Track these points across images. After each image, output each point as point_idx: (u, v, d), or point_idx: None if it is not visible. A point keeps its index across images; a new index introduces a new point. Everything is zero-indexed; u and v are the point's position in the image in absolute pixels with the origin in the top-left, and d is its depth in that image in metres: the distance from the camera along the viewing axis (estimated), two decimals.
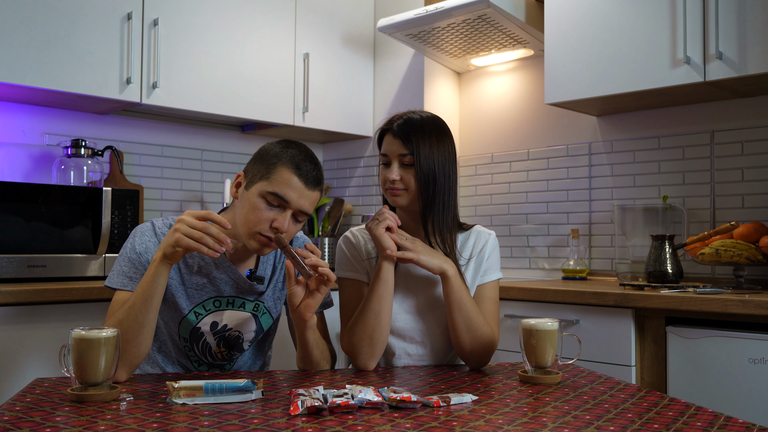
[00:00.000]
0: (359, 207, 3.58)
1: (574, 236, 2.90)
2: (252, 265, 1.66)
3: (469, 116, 3.42)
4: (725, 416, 1.13)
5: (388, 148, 1.66)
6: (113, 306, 1.50)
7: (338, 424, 1.05)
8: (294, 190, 1.50)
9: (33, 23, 2.38)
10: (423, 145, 1.62)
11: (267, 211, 1.50)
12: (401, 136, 1.62)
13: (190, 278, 1.58)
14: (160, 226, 1.59)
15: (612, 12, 2.53)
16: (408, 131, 1.63)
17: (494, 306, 1.70)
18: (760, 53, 2.19)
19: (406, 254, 1.56)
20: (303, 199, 1.52)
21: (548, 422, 1.09)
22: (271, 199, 1.50)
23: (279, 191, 1.49)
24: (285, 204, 1.50)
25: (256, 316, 1.66)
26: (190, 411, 1.13)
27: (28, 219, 2.27)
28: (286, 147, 1.55)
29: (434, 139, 1.64)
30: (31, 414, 1.10)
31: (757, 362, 1.91)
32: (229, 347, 1.65)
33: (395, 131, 1.64)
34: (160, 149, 3.09)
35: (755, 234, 2.32)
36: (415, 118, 1.66)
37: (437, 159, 1.63)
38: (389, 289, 1.58)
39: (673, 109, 2.74)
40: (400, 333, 1.68)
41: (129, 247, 1.55)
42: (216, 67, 2.88)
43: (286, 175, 1.50)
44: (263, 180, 1.51)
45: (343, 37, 3.38)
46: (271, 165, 1.52)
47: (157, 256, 1.40)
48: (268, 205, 1.50)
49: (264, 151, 1.57)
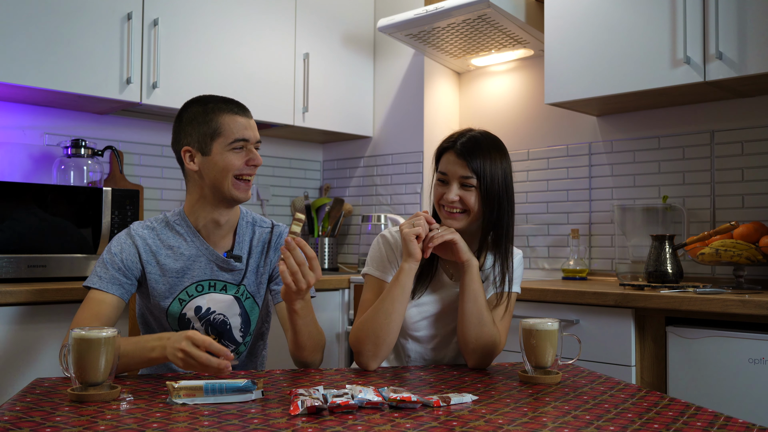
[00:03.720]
0: (359, 207, 3.57)
1: (574, 236, 2.90)
2: (228, 246, 1.72)
3: (469, 116, 3.42)
4: (725, 416, 1.13)
5: (449, 168, 1.62)
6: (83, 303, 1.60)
7: (338, 424, 1.05)
8: (246, 128, 1.64)
9: (33, 23, 2.38)
10: (487, 167, 1.60)
11: (237, 158, 1.62)
12: (466, 158, 1.59)
13: (169, 266, 1.65)
14: (135, 228, 1.68)
15: (612, 12, 2.53)
16: (473, 152, 1.60)
17: (507, 315, 1.69)
18: (760, 53, 2.19)
19: (446, 236, 1.56)
20: (254, 130, 1.67)
21: (548, 422, 1.09)
22: (237, 146, 1.62)
23: (238, 136, 1.62)
24: (247, 143, 1.63)
25: (239, 300, 1.70)
26: (190, 411, 1.13)
27: (28, 219, 2.27)
28: (204, 102, 1.66)
29: (498, 159, 1.62)
30: (31, 414, 1.10)
31: (757, 362, 1.91)
32: (218, 334, 1.68)
33: (459, 151, 1.61)
34: (160, 149, 3.09)
35: (755, 234, 2.32)
36: (478, 137, 1.63)
37: (500, 180, 1.62)
38: (405, 293, 1.57)
39: (673, 109, 2.74)
40: (417, 338, 1.68)
41: (105, 251, 1.66)
42: (216, 67, 2.88)
43: (231, 120, 1.63)
44: (216, 138, 1.62)
45: (343, 37, 3.38)
46: (211, 121, 1.62)
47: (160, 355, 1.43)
48: (235, 152, 1.62)
49: (187, 117, 1.66)
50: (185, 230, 1.68)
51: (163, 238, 1.67)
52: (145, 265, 1.64)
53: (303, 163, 3.67)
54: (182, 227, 1.68)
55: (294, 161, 3.64)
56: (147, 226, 1.69)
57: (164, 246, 1.66)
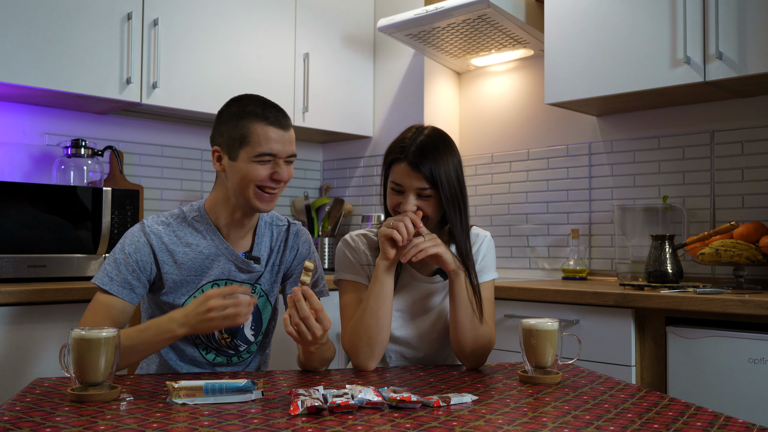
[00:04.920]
0: (359, 207, 3.58)
1: (574, 236, 2.90)
2: (247, 246, 1.69)
3: (469, 116, 3.42)
4: (725, 416, 1.13)
5: (404, 180, 1.58)
6: (91, 305, 1.56)
7: (338, 424, 1.05)
8: (276, 141, 1.56)
9: (33, 23, 2.38)
10: (442, 173, 1.57)
11: (262, 170, 1.56)
12: (420, 169, 1.56)
13: (186, 264, 1.61)
14: (150, 224, 1.62)
15: (612, 12, 2.53)
16: (425, 161, 1.56)
17: (490, 306, 1.71)
18: (760, 53, 2.19)
19: (430, 249, 1.54)
20: (286, 144, 1.58)
21: (548, 422, 1.09)
22: (264, 159, 1.55)
23: (266, 150, 1.55)
24: (274, 157, 1.56)
25: None
26: (190, 411, 1.13)
27: (28, 219, 2.27)
28: (244, 105, 1.59)
29: (448, 160, 1.60)
30: (31, 414, 1.10)
31: (757, 362, 1.91)
32: (231, 333, 1.66)
33: (412, 162, 1.57)
34: (160, 149, 3.09)
35: (755, 234, 2.32)
36: (427, 143, 1.59)
37: (454, 182, 1.61)
38: (386, 290, 1.58)
39: (673, 109, 2.74)
40: (395, 338, 1.69)
41: (119, 248, 1.60)
42: (216, 67, 2.88)
43: (262, 131, 1.55)
44: (244, 147, 1.55)
45: (343, 37, 3.38)
46: (243, 128, 1.56)
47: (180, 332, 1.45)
48: (262, 164, 1.56)
49: (225, 116, 1.61)
50: (205, 227, 1.64)
51: (180, 235, 1.62)
52: (161, 265, 1.59)
53: (303, 163, 3.67)
54: (202, 224, 1.64)
55: None
56: (162, 222, 1.63)
57: (181, 243, 1.61)
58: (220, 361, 1.67)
